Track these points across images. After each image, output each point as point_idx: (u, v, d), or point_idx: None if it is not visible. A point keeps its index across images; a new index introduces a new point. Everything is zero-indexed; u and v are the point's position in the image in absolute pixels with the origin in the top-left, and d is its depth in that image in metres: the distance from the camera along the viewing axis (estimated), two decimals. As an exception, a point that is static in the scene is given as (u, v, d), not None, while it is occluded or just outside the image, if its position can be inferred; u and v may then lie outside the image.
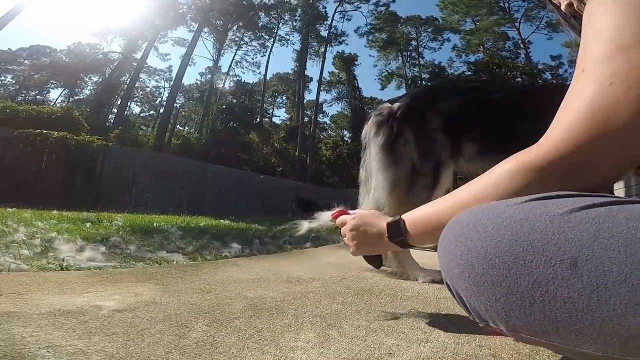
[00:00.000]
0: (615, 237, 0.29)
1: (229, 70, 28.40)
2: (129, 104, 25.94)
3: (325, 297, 0.96)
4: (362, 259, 0.76)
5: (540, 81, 20.26)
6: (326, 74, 28.77)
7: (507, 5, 23.92)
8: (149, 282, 1.05)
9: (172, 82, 24.35)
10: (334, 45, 28.92)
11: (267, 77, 30.19)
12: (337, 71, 29.00)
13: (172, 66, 29.25)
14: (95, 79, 27.78)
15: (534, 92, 1.76)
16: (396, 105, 1.42)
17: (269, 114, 31.99)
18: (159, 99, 31.15)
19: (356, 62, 28.47)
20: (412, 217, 0.56)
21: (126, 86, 23.69)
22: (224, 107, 25.53)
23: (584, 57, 0.38)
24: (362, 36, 29.00)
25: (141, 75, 26.73)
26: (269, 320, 0.73)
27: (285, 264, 1.62)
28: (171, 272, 1.25)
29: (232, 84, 27.93)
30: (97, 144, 7.86)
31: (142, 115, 31.38)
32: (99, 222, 2.59)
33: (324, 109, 31.27)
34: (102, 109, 23.19)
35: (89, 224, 2.41)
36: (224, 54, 27.61)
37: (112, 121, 21.33)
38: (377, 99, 27.40)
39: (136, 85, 26.09)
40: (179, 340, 0.59)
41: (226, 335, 0.63)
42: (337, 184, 20.90)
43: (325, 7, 28.19)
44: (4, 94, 22.52)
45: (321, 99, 29.25)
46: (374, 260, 0.76)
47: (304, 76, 28.22)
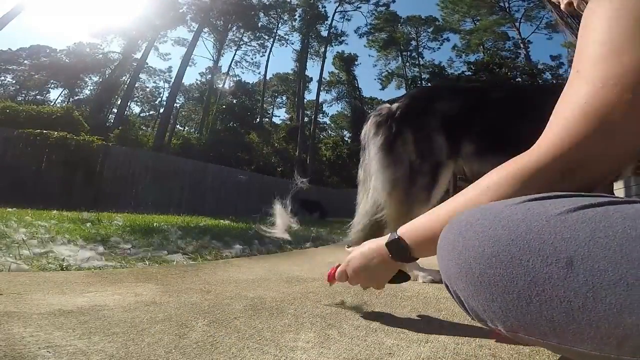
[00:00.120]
0: (611, 237, 0.29)
1: (228, 70, 28.47)
2: (129, 104, 26.00)
3: (325, 297, 0.96)
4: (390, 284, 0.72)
5: (540, 81, 20.28)
6: (326, 74, 28.85)
7: (507, 5, 23.95)
8: (149, 282, 1.05)
9: (172, 82, 24.36)
10: (334, 45, 29.00)
11: (267, 77, 30.26)
12: (337, 71, 29.06)
13: (171, 67, 29.33)
14: (95, 79, 27.86)
15: (533, 92, 1.76)
16: (395, 105, 1.42)
17: (269, 114, 32.06)
18: (159, 99, 31.21)
19: (356, 62, 28.53)
20: (409, 230, 0.54)
21: (126, 86, 23.70)
22: (224, 107, 25.52)
23: (579, 59, 0.39)
24: (362, 36, 29.09)
25: (141, 75, 26.78)
26: (269, 320, 0.73)
27: (285, 264, 1.63)
28: (171, 272, 1.25)
29: (232, 84, 27.97)
30: (97, 144, 7.86)
31: (142, 115, 31.45)
32: (99, 222, 2.59)
33: (324, 109, 31.35)
34: (102, 109, 23.18)
35: (89, 224, 2.41)
36: (224, 54, 27.67)
37: (112, 121, 21.33)
38: (377, 99, 27.46)
39: (136, 85, 26.13)
40: (179, 340, 0.59)
41: (226, 335, 0.63)
42: (337, 184, 20.92)
43: (325, 7, 28.27)
44: (4, 94, 22.56)
45: (321, 99, 29.33)
46: (398, 277, 0.71)
47: (304, 76, 28.24)
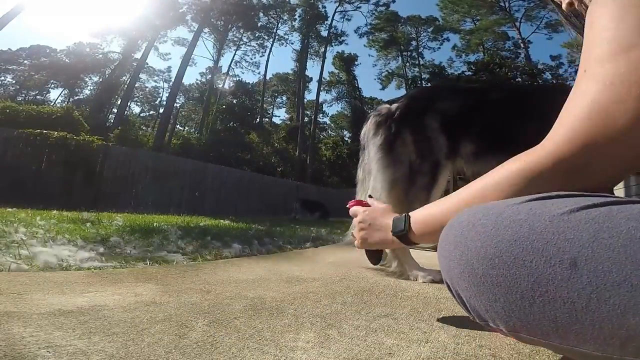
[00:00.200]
0: (614, 238, 0.29)
1: (228, 70, 28.49)
2: (129, 104, 26.04)
3: (325, 297, 0.96)
4: (364, 253, 0.76)
5: (540, 81, 20.29)
6: (326, 74, 28.87)
7: (507, 5, 23.95)
8: (149, 282, 1.05)
9: (172, 82, 24.37)
10: (334, 45, 29.03)
11: (267, 77, 30.28)
12: (337, 71, 29.08)
13: (170, 67, 29.39)
14: (95, 79, 27.90)
15: (533, 92, 1.76)
16: (395, 106, 1.42)
17: (269, 114, 32.11)
18: (159, 99, 31.24)
19: (356, 62, 28.55)
20: (417, 214, 0.57)
21: (126, 86, 23.71)
22: (224, 107, 25.52)
23: (586, 58, 0.38)
24: (362, 36, 29.14)
25: (141, 75, 26.81)
26: (269, 320, 0.73)
27: (285, 264, 1.62)
28: (171, 272, 1.25)
29: (232, 84, 27.98)
30: (97, 144, 7.86)
31: (142, 115, 31.51)
32: (99, 222, 2.59)
33: (324, 109, 31.38)
34: (102, 109, 23.19)
35: (89, 224, 2.41)
36: (224, 54, 27.69)
37: (112, 121, 21.33)
38: (377, 99, 27.48)
39: (136, 85, 26.15)
40: (179, 340, 0.59)
41: (226, 335, 0.63)
42: (337, 184, 20.93)
43: (325, 7, 28.28)
44: (4, 94, 22.59)
45: (321, 99, 29.35)
46: (373, 255, 0.77)
47: (304, 76, 28.26)
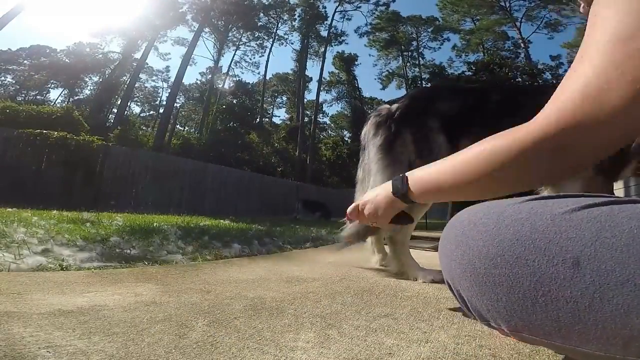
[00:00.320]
0: (617, 237, 0.29)
1: (228, 70, 28.48)
2: (129, 104, 26.05)
3: (325, 297, 0.96)
4: (391, 225, 0.72)
5: (540, 81, 20.29)
6: (326, 74, 28.84)
7: (507, 4, 23.95)
8: (149, 282, 1.05)
9: (172, 82, 24.37)
10: (334, 45, 29.01)
11: (267, 77, 30.28)
12: (337, 71, 29.05)
13: (169, 66, 29.45)
14: (95, 79, 27.91)
15: (533, 92, 1.76)
16: (395, 106, 1.42)
17: (269, 114, 32.12)
18: (159, 99, 31.26)
19: (356, 62, 28.52)
20: (414, 174, 0.58)
21: (126, 86, 23.70)
22: (224, 107, 25.50)
23: (584, 46, 0.40)
24: (362, 36, 29.11)
25: (141, 75, 26.82)
26: (269, 320, 0.73)
27: (285, 264, 1.62)
28: (171, 272, 1.25)
29: (232, 84, 27.97)
30: (97, 144, 7.85)
31: (142, 115, 31.53)
32: (99, 222, 2.59)
33: (324, 109, 31.37)
34: (102, 109, 23.18)
35: (89, 224, 2.41)
36: (224, 54, 27.67)
37: (112, 121, 21.32)
38: (377, 99, 27.49)
39: (136, 85, 26.15)
40: (179, 340, 0.59)
41: (226, 335, 0.63)
42: (337, 184, 20.93)
43: (325, 7, 28.31)
44: (4, 94, 22.60)
45: (321, 99, 29.33)
46: (399, 219, 0.73)
47: (304, 76, 28.25)
